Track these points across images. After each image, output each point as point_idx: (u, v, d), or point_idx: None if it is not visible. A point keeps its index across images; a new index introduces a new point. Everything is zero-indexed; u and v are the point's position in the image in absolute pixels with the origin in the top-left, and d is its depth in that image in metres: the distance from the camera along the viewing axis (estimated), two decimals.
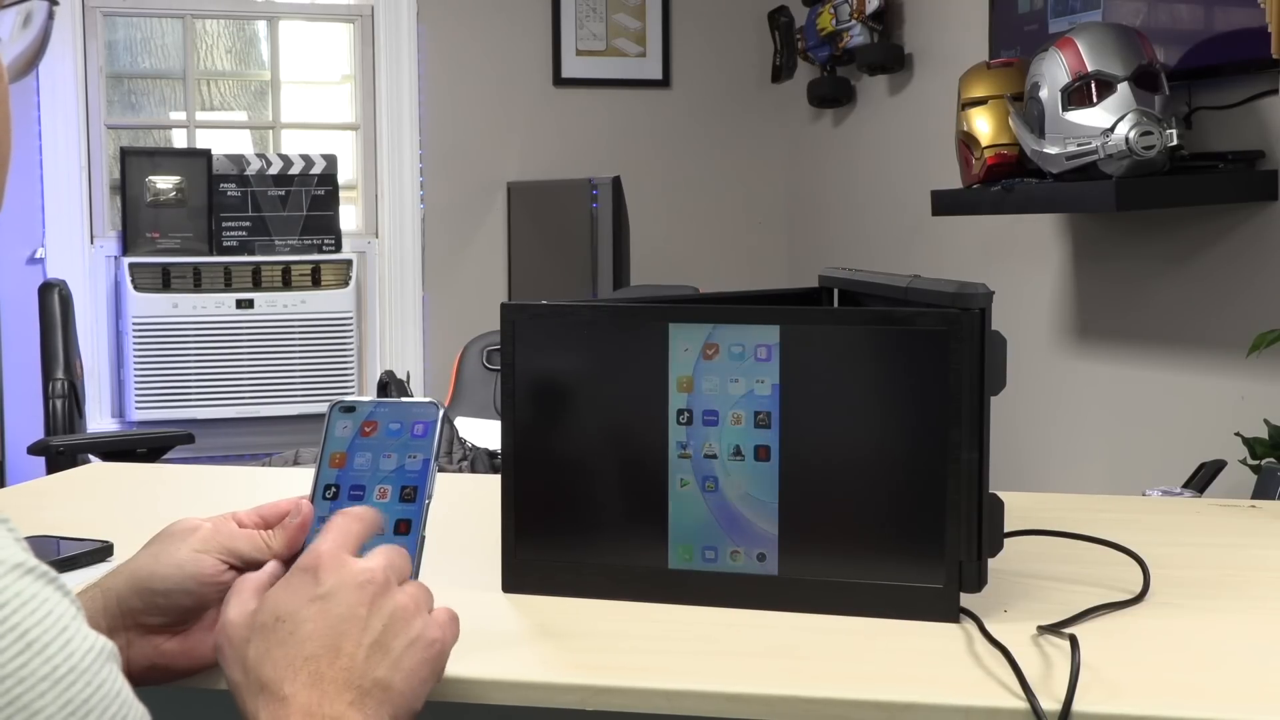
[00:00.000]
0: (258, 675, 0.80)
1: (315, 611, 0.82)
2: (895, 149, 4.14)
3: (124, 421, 4.42)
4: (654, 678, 0.91)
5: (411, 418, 0.95)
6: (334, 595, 0.82)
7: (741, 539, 1.05)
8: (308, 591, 0.83)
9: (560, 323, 1.10)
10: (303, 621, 0.82)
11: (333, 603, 0.82)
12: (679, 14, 4.84)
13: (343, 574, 0.83)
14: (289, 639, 0.81)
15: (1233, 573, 1.17)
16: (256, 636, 0.82)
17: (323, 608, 0.82)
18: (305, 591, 0.83)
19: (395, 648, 0.82)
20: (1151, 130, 2.60)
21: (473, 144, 4.71)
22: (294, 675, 0.80)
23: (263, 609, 0.83)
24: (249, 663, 0.81)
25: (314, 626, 0.81)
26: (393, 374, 3.82)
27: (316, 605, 0.82)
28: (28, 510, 1.41)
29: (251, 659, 0.81)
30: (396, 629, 0.83)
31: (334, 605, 0.82)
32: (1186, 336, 2.95)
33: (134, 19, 4.66)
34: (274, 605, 0.83)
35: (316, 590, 0.83)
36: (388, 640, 0.82)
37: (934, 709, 0.87)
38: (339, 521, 0.88)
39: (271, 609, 0.83)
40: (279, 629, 0.82)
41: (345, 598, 0.82)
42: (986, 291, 1.01)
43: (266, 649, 0.81)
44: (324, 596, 0.82)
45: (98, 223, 4.45)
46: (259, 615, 0.83)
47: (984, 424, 1.01)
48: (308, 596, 0.83)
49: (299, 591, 0.83)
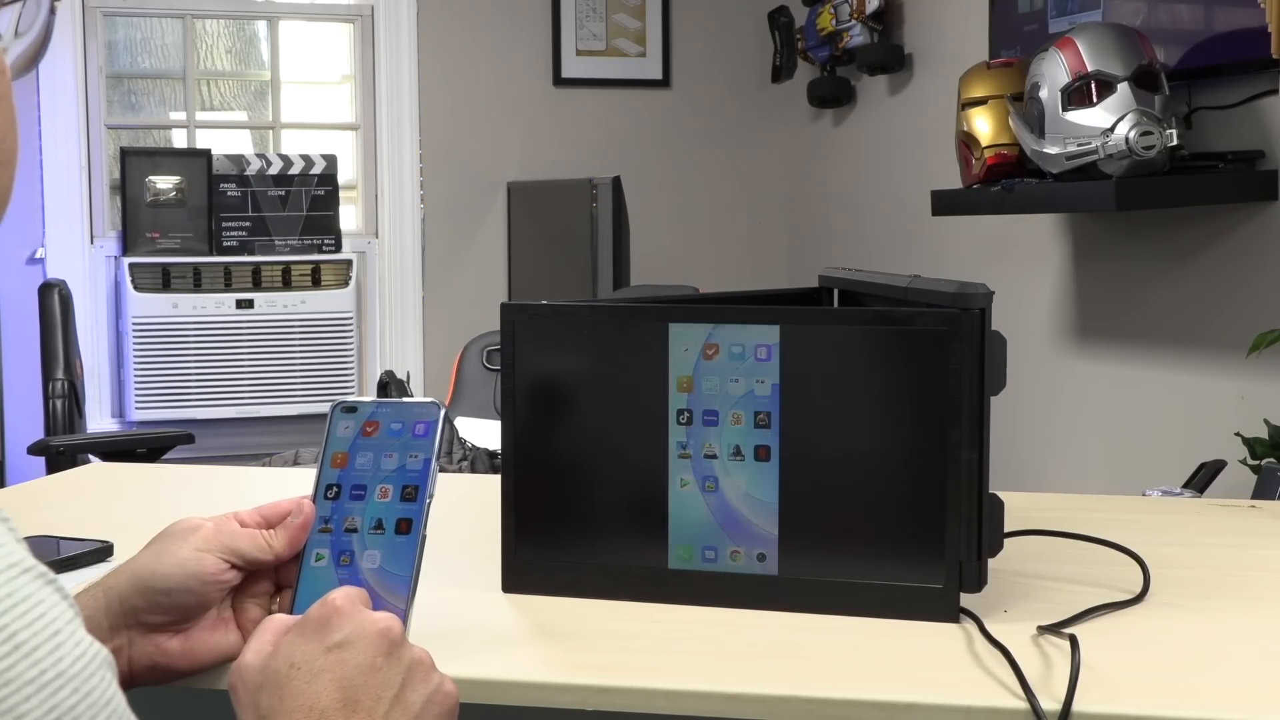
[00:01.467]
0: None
1: (332, 661, 0.79)
2: (895, 149, 4.14)
3: (124, 421, 4.42)
4: (654, 678, 0.91)
5: (413, 418, 0.95)
6: (351, 644, 0.80)
7: (741, 539, 1.05)
8: (323, 639, 0.80)
9: (560, 323, 1.10)
10: (319, 671, 0.79)
11: (350, 652, 0.80)
12: (679, 14, 4.84)
13: (360, 621, 0.81)
14: (305, 689, 0.78)
15: (1233, 573, 1.18)
16: (270, 684, 0.79)
17: (340, 658, 0.79)
18: (321, 639, 0.80)
19: (414, 702, 0.80)
20: (1151, 130, 2.60)
21: (473, 144, 4.71)
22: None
23: (277, 655, 0.81)
24: (261, 710, 0.79)
25: (331, 677, 0.79)
26: (393, 374, 3.82)
27: (334, 655, 0.80)
28: (28, 510, 1.41)
29: (264, 708, 0.79)
30: (415, 682, 0.81)
31: (351, 654, 0.80)
32: (1186, 336, 2.95)
33: (134, 19, 4.66)
34: (289, 652, 0.80)
35: (333, 637, 0.80)
36: (406, 694, 0.80)
37: (934, 709, 0.87)
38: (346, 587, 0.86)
39: (286, 655, 0.80)
40: (295, 677, 0.79)
41: (363, 647, 0.80)
42: (986, 291, 1.01)
43: (280, 698, 0.78)
44: (340, 645, 0.80)
45: (98, 223, 4.45)
46: (273, 661, 0.80)
47: (984, 424, 1.01)
48: (324, 645, 0.80)
49: (314, 639, 0.81)
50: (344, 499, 0.94)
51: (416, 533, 0.92)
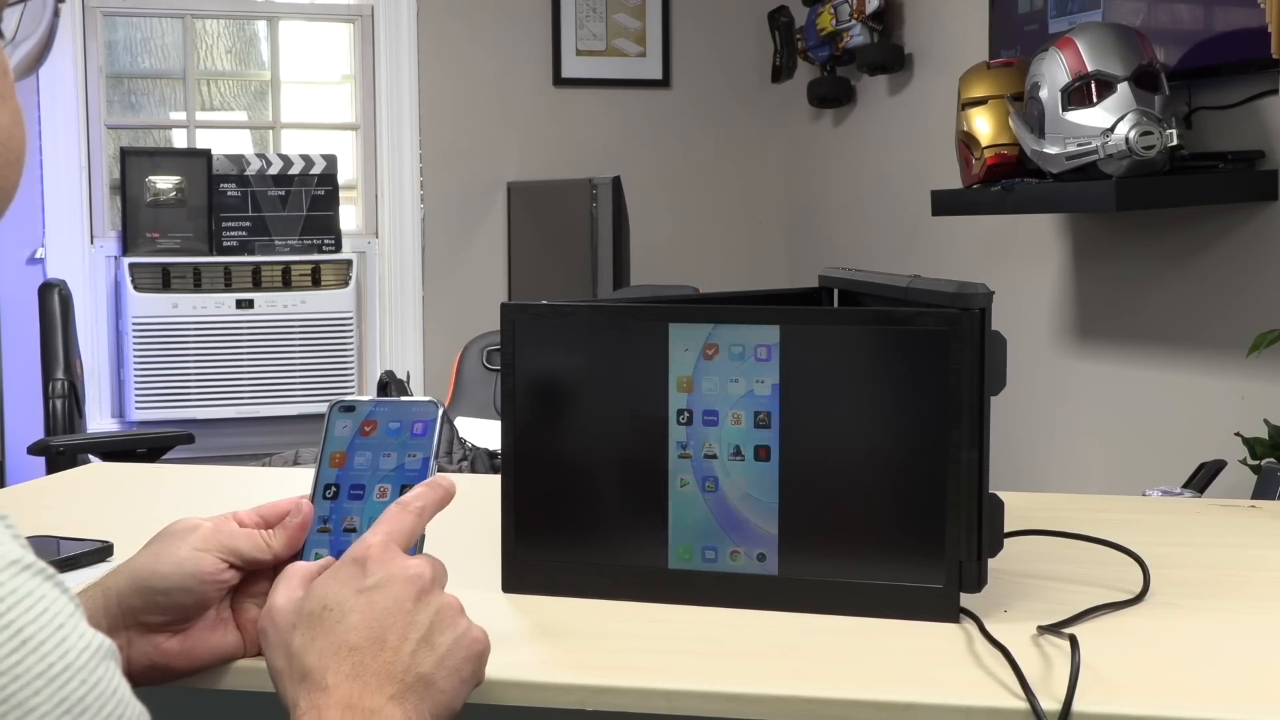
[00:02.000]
0: (301, 663, 0.80)
1: (362, 602, 0.82)
2: (895, 149, 4.14)
3: (124, 421, 4.42)
4: (654, 678, 0.91)
5: (411, 417, 0.95)
6: (382, 587, 0.82)
7: (741, 539, 1.05)
8: (356, 582, 0.83)
9: (560, 323, 1.10)
10: (349, 611, 0.81)
11: (380, 594, 0.82)
12: (679, 14, 4.84)
13: (391, 567, 0.83)
14: (335, 628, 0.81)
15: (1233, 573, 1.17)
16: (302, 624, 0.82)
17: (370, 599, 0.82)
18: (353, 582, 0.83)
19: (441, 644, 0.82)
20: (1151, 130, 2.60)
21: (473, 144, 4.71)
22: (337, 665, 0.80)
23: (310, 597, 0.83)
24: (293, 650, 0.81)
25: (360, 617, 0.81)
26: (393, 374, 3.82)
27: (364, 596, 0.82)
28: (28, 510, 1.41)
29: (296, 647, 0.81)
30: (443, 625, 0.83)
31: (381, 597, 0.82)
32: (1186, 336, 2.95)
33: (134, 19, 4.66)
34: (322, 594, 0.83)
35: (365, 581, 0.83)
36: (433, 636, 0.82)
37: (934, 709, 0.87)
38: (393, 511, 0.88)
39: (319, 597, 0.83)
40: (325, 618, 0.82)
41: (393, 590, 0.82)
42: (986, 291, 1.01)
43: (312, 637, 0.81)
44: (372, 588, 0.82)
45: (98, 223, 4.45)
46: (306, 603, 0.83)
47: (984, 424, 1.01)
48: (356, 587, 0.83)
49: (347, 582, 0.83)
50: (342, 498, 0.94)
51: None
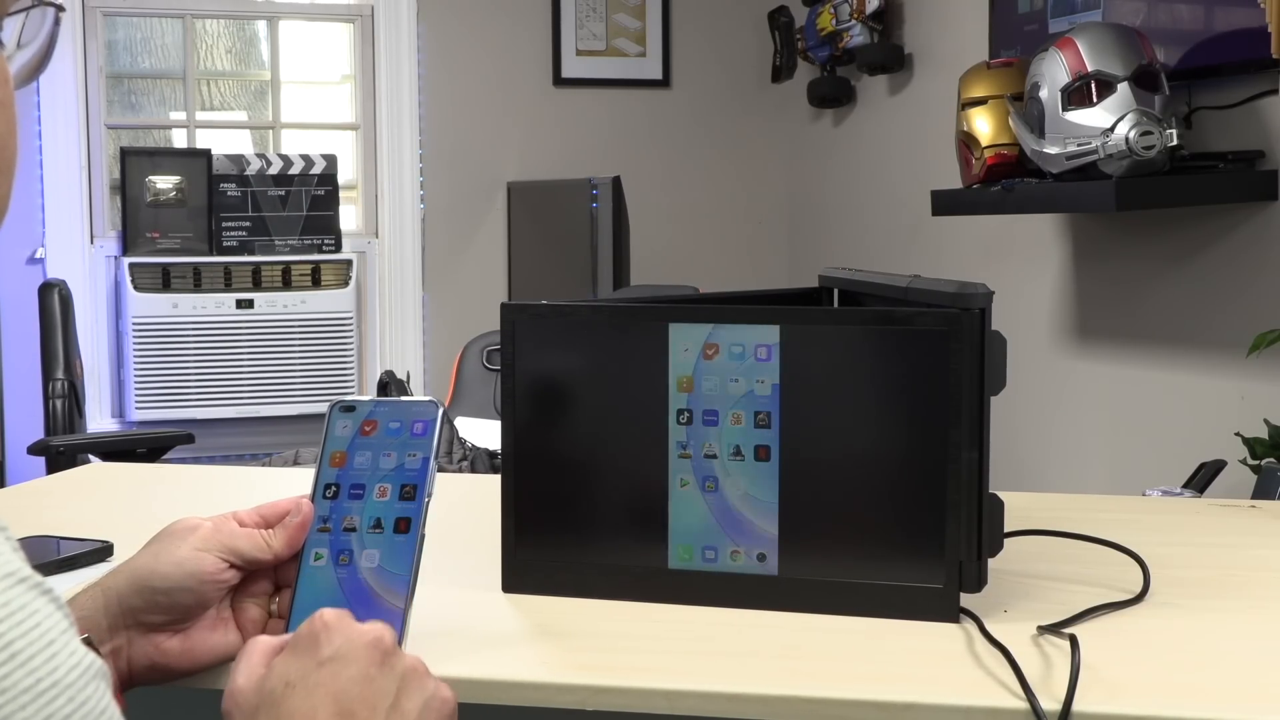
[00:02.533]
0: None
1: (326, 675, 0.79)
2: (895, 149, 4.14)
3: (124, 421, 4.42)
4: (654, 678, 0.91)
5: (411, 416, 0.95)
6: (343, 656, 0.80)
7: (741, 539, 1.05)
8: (314, 654, 0.80)
9: (560, 323, 1.10)
10: (314, 687, 0.79)
11: (343, 664, 0.80)
12: (679, 14, 4.84)
13: (350, 634, 0.81)
14: (300, 706, 0.78)
15: (1233, 573, 1.18)
16: (266, 704, 0.79)
17: (333, 670, 0.79)
18: (312, 655, 0.80)
19: (410, 710, 0.80)
20: (1151, 130, 2.60)
21: (473, 144, 4.71)
22: None
23: (271, 675, 0.81)
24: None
25: (325, 691, 0.79)
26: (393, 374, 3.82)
27: (327, 669, 0.80)
28: (28, 510, 1.41)
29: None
30: (410, 690, 0.81)
31: (344, 667, 0.80)
32: (1186, 336, 2.95)
33: (134, 19, 4.65)
34: (283, 671, 0.80)
35: (323, 652, 0.80)
36: (402, 702, 0.80)
37: (934, 709, 0.87)
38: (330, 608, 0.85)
39: (281, 675, 0.80)
40: (290, 696, 0.79)
41: (356, 657, 0.80)
42: (986, 291, 1.01)
43: (276, 717, 0.78)
44: (333, 658, 0.80)
45: (98, 223, 4.45)
46: (268, 681, 0.80)
47: (984, 424, 1.01)
48: (315, 660, 0.80)
49: (306, 654, 0.81)
50: (342, 498, 0.94)
51: (415, 532, 0.92)
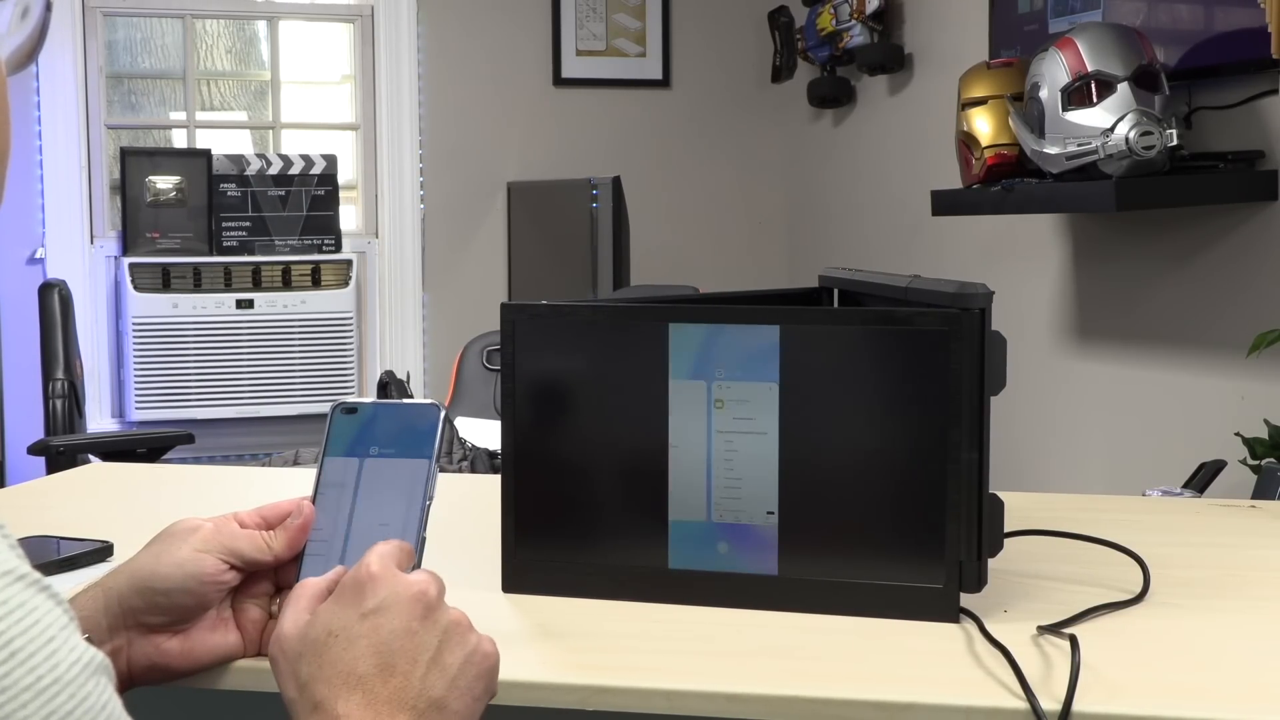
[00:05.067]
0: (311, 694, 0.79)
1: (368, 627, 0.80)
2: (895, 149, 4.14)
3: (124, 421, 4.42)
4: (654, 678, 0.91)
5: (412, 419, 0.95)
6: (386, 609, 0.81)
7: (741, 539, 1.05)
8: (359, 605, 0.81)
9: (560, 323, 1.10)
10: (356, 638, 0.80)
11: (385, 617, 0.80)
12: (679, 14, 4.84)
13: (395, 586, 0.82)
14: (342, 656, 0.79)
15: (1233, 573, 1.18)
16: (309, 652, 0.80)
17: (375, 623, 0.80)
18: (356, 605, 0.81)
19: (451, 664, 0.80)
20: (1151, 130, 2.60)
21: (473, 144, 4.71)
22: (347, 694, 0.78)
23: (315, 623, 0.81)
24: (302, 679, 0.79)
25: (367, 643, 0.79)
26: (393, 374, 3.82)
27: (369, 621, 0.80)
28: (28, 510, 1.41)
29: (305, 676, 0.79)
30: (452, 644, 0.81)
31: (387, 620, 0.80)
32: (1186, 336, 2.95)
33: (134, 19, 4.65)
34: (326, 620, 0.81)
35: (368, 604, 0.81)
36: (443, 656, 0.80)
37: (934, 709, 0.87)
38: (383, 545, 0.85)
39: (324, 624, 0.81)
40: (332, 645, 0.80)
41: (399, 611, 0.81)
42: (986, 291, 1.01)
43: (319, 666, 0.79)
44: (376, 610, 0.81)
45: (98, 223, 4.45)
46: (311, 629, 0.81)
47: (984, 424, 1.01)
48: (359, 611, 0.81)
49: (350, 605, 0.81)
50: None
51: (416, 534, 0.92)
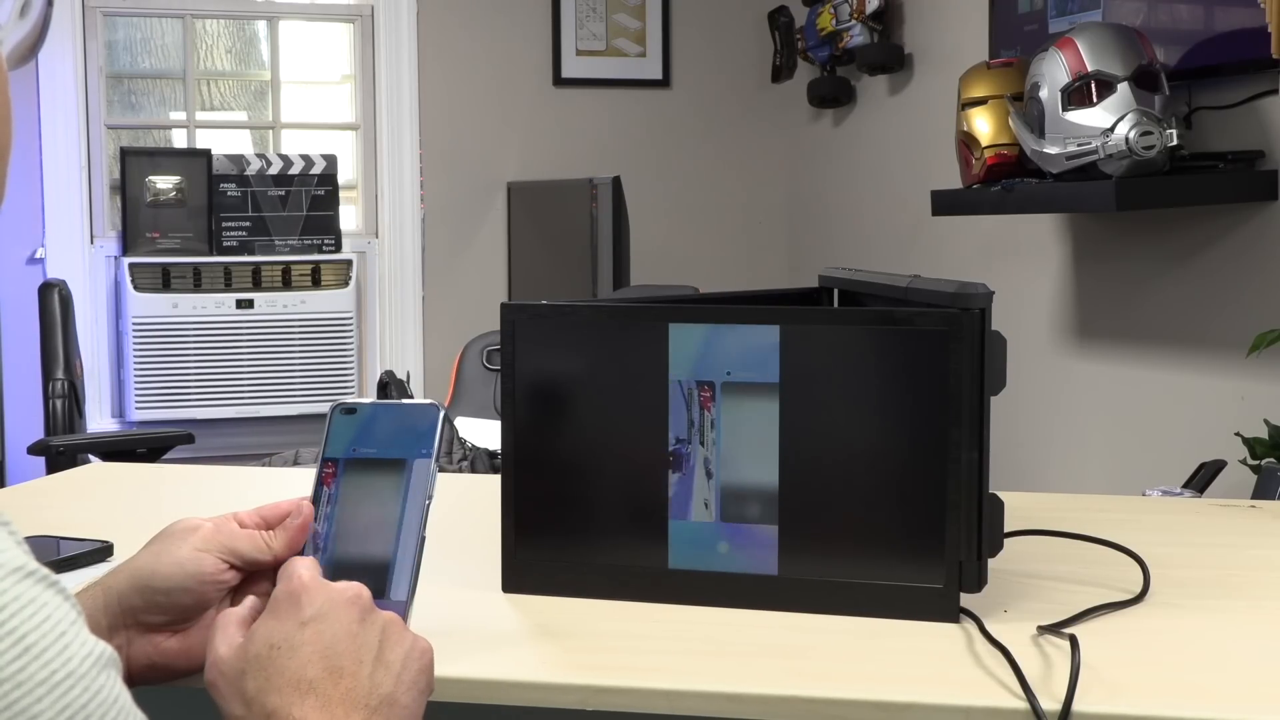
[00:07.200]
0: (262, 706, 0.79)
1: (310, 634, 0.81)
2: (895, 149, 4.14)
3: (124, 421, 4.42)
4: (654, 678, 0.91)
5: (412, 419, 0.95)
6: (325, 616, 0.82)
7: (741, 539, 1.05)
8: (296, 616, 0.82)
9: (560, 323, 1.10)
10: (299, 646, 0.80)
11: (326, 623, 0.81)
12: (679, 14, 4.84)
13: (329, 593, 0.83)
14: (288, 665, 0.80)
15: (1233, 573, 1.18)
16: (252, 668, 0.80)
17: (317, 629, 0.81)
18: (294, 616, 0.82)
19: (394, 661, 0.82)
20: (1151, 130, 2.60)
21: (473, 144, 4.71)
22: (300, 700, 0.78)
23: (253, 640, 0.82)
24: (249, 695, 0.79)
25: (311, 649, 0.80)
26: (393, 374, 3.82)
27: (311, 628, 0.81)
28: (28, 510, 1.41)
29: (252, 691, 0.79)
30: (392, 642, 0.82)
31: (329, 625, 0.81)
32: (1186, 336, 2.95)
33: (134, 19, 4.65)
34: (265, 635, 0.82)
35: (305, 613, 0.82)
36: (386, 654, 0.82)
37: (934, 709, 0.87)
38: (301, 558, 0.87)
39: (264, 638, 0.81)
40: (275, 656, 0.80)
41: (337, 616, 0.82)
42: (986, 291, 1.01)
43: (266, 678, 0.79)
44: (316, 618, 0.82)
45: (98, 223, 4.45)
46: (250, 646, 0.81)
47: (984, 424, 1.01)
48: (298, 620, 0.82)
49: (287, 617, 0.82)
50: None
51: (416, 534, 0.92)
